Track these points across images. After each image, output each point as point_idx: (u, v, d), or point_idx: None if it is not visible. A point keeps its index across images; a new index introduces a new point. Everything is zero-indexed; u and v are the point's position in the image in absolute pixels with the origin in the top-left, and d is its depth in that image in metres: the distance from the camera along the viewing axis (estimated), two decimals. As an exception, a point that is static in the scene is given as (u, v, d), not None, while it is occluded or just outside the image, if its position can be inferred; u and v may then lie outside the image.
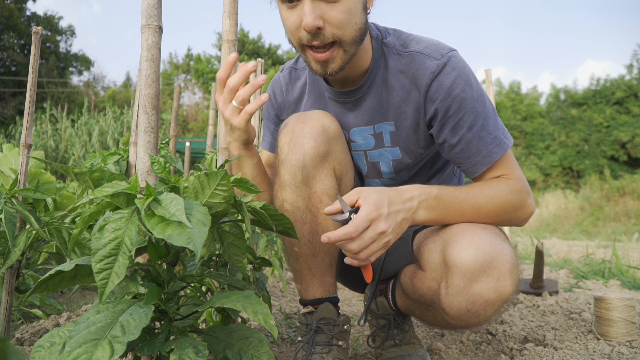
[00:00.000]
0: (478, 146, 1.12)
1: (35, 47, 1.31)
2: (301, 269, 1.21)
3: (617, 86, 18.24)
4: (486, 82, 3.45)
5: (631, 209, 11.27)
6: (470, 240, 1.00)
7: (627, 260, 3.51)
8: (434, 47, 1.14)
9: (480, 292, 0.98)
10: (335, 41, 1.05)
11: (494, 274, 0.98)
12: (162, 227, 0.70)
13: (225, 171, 0.80)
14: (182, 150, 7.33)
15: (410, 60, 1.14)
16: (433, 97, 1.11)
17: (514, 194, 1.11)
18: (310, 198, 1.16)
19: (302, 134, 1.14)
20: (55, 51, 21.63)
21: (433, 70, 1.11)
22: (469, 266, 0.98)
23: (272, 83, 1.39)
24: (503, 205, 1.10)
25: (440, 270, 1.05)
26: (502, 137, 1.13)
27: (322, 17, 1.02)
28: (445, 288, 1.03)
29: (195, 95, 23.28)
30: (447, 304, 1.03)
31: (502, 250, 0.99)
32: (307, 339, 1.18)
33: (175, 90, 2.51)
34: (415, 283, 1.15)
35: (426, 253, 1.10)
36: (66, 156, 11.45)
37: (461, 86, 1.09)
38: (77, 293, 2.53)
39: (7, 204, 1.28)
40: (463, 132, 1.11)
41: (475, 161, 1.13)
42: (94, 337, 0.67)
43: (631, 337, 1.43)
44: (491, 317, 1.04)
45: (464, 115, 1.10)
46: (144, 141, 0.85)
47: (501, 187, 1.11)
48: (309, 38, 1.04)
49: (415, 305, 1.22)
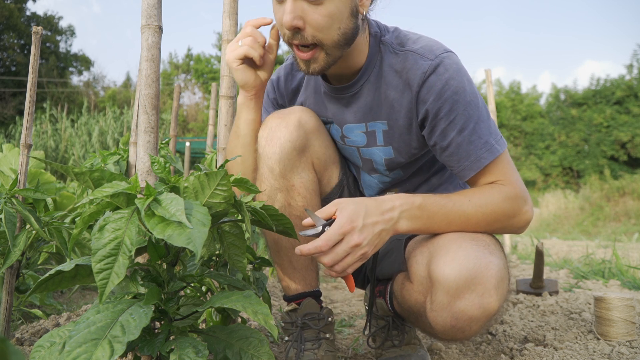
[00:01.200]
0: (468, 150, 1.09)
1: (35, 47, 1.31)
2: (283, 263, 1.21)
3: (617, 86, 18.25)
4: (486, 82, 3.45)
5: (631, 209, 11.27)
6: (455, 255, 0.97)
7: (627, 260, 3.51)
8: (429, 48, 1.12)
9: (464, 309, 0.96)
10: (316, 43, 1.06)
11: (478, 290, 0.95)
12: (162, 227, 0.70)
13: (225, 171, 0.80)
14: (182, 150, 7.33)
15: (404, 59, 1.14)
16: (424, 98, 1.10)
17: (507, 201, 1.07)
18: (288, 191, 1.17)
19: (279, 128, 1.15)
20: (55, 51, 21.63)
21: (425, 71, 1.09)
22: (452, 283, 0.96)
23: (279, 69, 1.39)
24: (494, 214, 1.06)
25: (426, 284, 1.04)
26: (494, 142, 1.10)
27: (303, 18, 1.03)
28: (430, 303, 1.02)
29: (195, 95, 23.29)
30: (432, 319, 1.02)
31: (487, 264, 0.96)
32: (295, 336, 1.19)
33: (175, 90, 2.51)
34: (404, 294, 1.15)
35: (414, 265, 1.09)
36: (66, 156, 11.44)
37: (453, 88, 1.07)
38: (77, 293, 2.53)
39: (7, 204, 1.28)
40: (453, 135, 1.09)
41: (464, 165, 1.10)
42: (93, 337, 0.67)
43: (631, 337, 1.43)
44: (478, 332, 1.02)
45: (455, 118, 1.08)
46: (144, 141, 0.85)
47: (493, 194, 1.07)
48: (290, 36, 1.06)
49: (407, 314, 1.22)
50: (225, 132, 1.34)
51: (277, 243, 1.20)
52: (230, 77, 1.36)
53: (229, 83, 1.36)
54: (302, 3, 1.02)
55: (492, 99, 3.48)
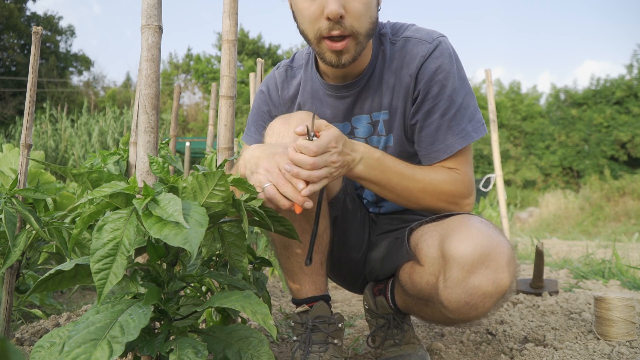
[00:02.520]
0: (445, 135, 1.17)
1: (35, 47, 1.31)
2: (293, 268, 1.21)
3: (617, 86, 18.24)
4: (486, 82, 3.45)
5: (631, 209, 11.26)
6: (468, 233, 1.02)
7: (627, 260, 3.50)
8: (426, 32, 1.20)
9: (479, 284, 0.99)
10: (350, 33, 1.09)
11: (492, 266, 0.99)
12: (159, 227, 0.70)
13: (223, 172, 0.80)
14: (182, 150, 7.32)
15: (402, 45, 1.20)
16: (420, 79, 1.17)
17: (454, 185, 1.16)
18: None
19: (288, 135, 1.15)
20: (55, 51, 21.63)
21: (424, 54, 1.16)
22: (467, 258, 0.99)
23: (267, 80, 1.40)
24: (438, 190, 1.15)
25: (439, 263, 1.06)
26: (471, 129, 1.17)
27: (344, 7, 1.06)
28: (443, 281, 1.04)
29: (195, 95, 23.29)
30: (445, 297, 1.04)
31: (499, 242, 1.01)
32: (304, 338, 1.18)
33: (175, 90, 2.51)
34: (414, 278, 1.15)
35: (424, 248, 1.11)
36: (66, 156, 11.45)
37: (445, 72, 1.15)
38: (77, 293, 2.53)
39: (7, 204, 1.28)
40: (435, 117, 1.17)
41: (438, 148, 1.18)
42: (93, 337, 0.67)
43: (631, 337, 1.43)
44: (489, 310, 1.05)
45: (440, 101, 1.15)
46: (144, 141, 0.85)
47: (444, 175, 1.16)
48: (329, 27, 1.08)
49: (414, 302, 1.22)
50: (225, 132, 1.34)
51: (288, 249, 1.20)
52: (230, 77, 1.36)
53: (229, 83, 1.36)
54: None
55: (492, 99, 3.47)
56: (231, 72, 1.25)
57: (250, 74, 2.59)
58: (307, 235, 1.18)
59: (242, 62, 21.69)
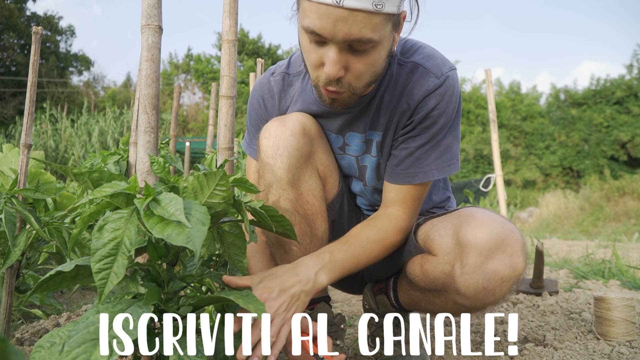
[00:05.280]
0: (415, 166, 1.17)
1: (35, 47, 1.31)
2: None
3: (617, 86, 18.24)
4: (486, 82, 3.45)
5: (631, 209, 11.25)
6: (483, 220, 1.05)
7: (627, 260, 3.50)
8: (435, 62, 1.15)
9: (496, 268, 1.03)
10: (348, 90, 1.05)
11: (508, 251, 1.03)
12: (161, 226, 0.70)
13: (224, 171, 0.80)
14: (182, 150, 7.33)
15: (410, 71, 1.15)
16: (417, 111, 1.15)
17: (399, 234, 1.19)
18: (297, 200, 1.16)
19: (285, 137, 1.14)
20: (55, 51, 21.63)
21: (429, 89, 1.13)
22: (484, 244, 1.02)
23: (260, 87, 1.33)
24: (389, 246, 1.18)
25: (454, 252, 1.07)
26: (435, 170, 1.17)
27: (346, 66, 1.00)
28: (460, 268, 1.06)
29: (195, 95, 23.30)
30: (462, 284, 1.06)
31: (512, 229, 1.05)
32: None
33: (175, 90, 2.51)
34: (426, 269, 1.15)
35: (437, 239, 1.12)
36: (66, 156, 11.45)
37: (440, 111, 1.14)
38: (77, 293, 2.53)
39: (7, 204, 1.28)
40: (412, 145, 1.17)
41: (413, 172, 1.18)
42: (93, 337, 0.67)
43: (631, 337, 1.43)
44: (505, 295, 1.08)
45: (424, 134, 1.16)
46: (144, 141, 0.85)
47: (388, 229, 1.17)
48: (326, 82, 1.03)
49: (422, 295, 1.22)
50: (225, 132, 1.34)
51: (287, 253, 1.19)
52: (230, 77, 1.36)
53: (229, 83, 1.36)
54: (347, 54, 0.98)
55: (492, 99, 3.47)
56: (231, 72, 1.24)
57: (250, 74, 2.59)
58: (307, 237, 1.18)
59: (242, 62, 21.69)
